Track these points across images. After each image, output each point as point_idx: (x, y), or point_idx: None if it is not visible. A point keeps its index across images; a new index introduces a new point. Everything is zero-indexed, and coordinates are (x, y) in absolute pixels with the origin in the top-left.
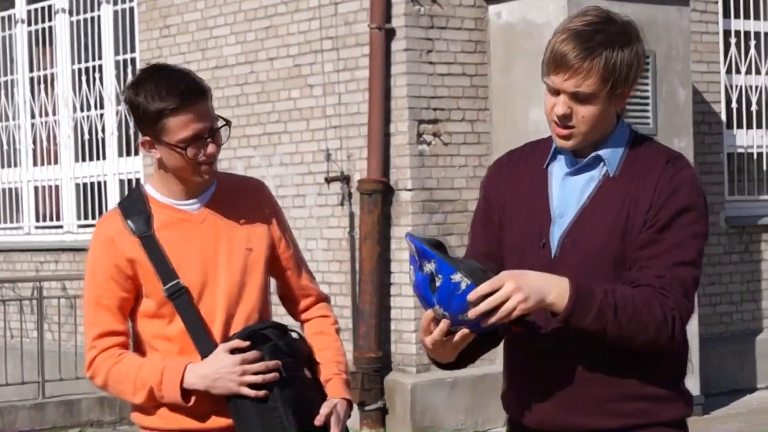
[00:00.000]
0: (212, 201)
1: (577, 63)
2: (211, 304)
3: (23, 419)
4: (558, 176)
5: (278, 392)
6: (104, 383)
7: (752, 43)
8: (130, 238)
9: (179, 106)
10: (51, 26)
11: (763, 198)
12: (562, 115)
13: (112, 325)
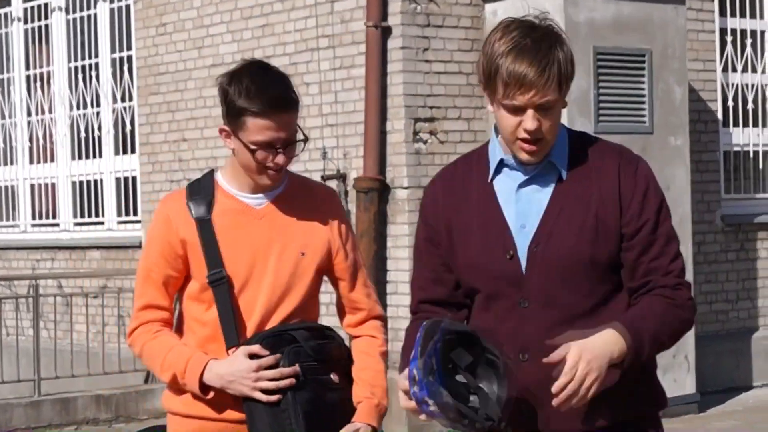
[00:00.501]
0: (277, 200)
1: (536, 77)
2: (252, 299)
3: (19, 417)
4: (509, 188)
5: (291, 395)
6: (139, 354)
7: (748, 42)
8: (187, 219)
9: (261, 111)
10: (47, 24)
11: (759, 196)
12: (534, 130)
13: (156, 300)
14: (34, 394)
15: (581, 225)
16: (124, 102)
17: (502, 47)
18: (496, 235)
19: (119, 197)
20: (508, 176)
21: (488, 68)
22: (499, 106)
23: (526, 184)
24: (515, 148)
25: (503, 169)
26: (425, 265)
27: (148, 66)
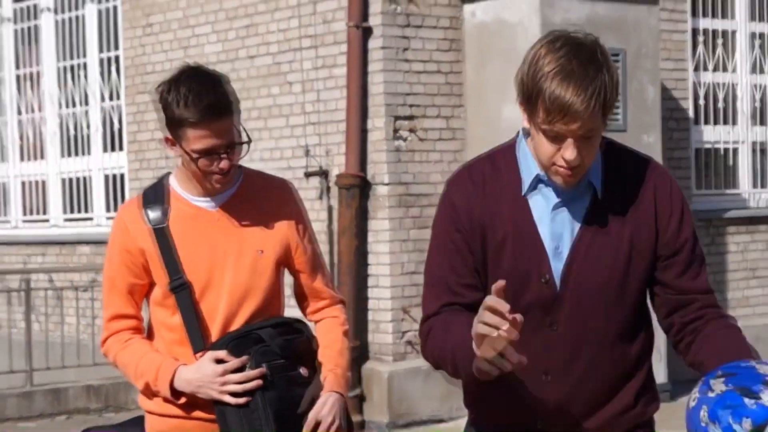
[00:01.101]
0: (231, 200)
1: (582, 108)
2: (214, 302)
3: (12, 407)
4: (544, 206)
5: (260, 395)
6: (113, 364)
7: (719, 42)
8: (143, 227)
9: (198, 121)
10: (36, 25)
11: (729, 192)
12: (572, 160)
13: (123, 309)
14: (27, 384)
15: (616, 249)
16: (112, 101)
17: (547, 68)
18: (531, 256)
19: (108, 193)
20: (543, 193)
21: (530, 88)
22: (538, 130)
23: (562, 204)
24: (551, 172)
25: (539, 185)
26: (459, 267)
27: (135, 66)
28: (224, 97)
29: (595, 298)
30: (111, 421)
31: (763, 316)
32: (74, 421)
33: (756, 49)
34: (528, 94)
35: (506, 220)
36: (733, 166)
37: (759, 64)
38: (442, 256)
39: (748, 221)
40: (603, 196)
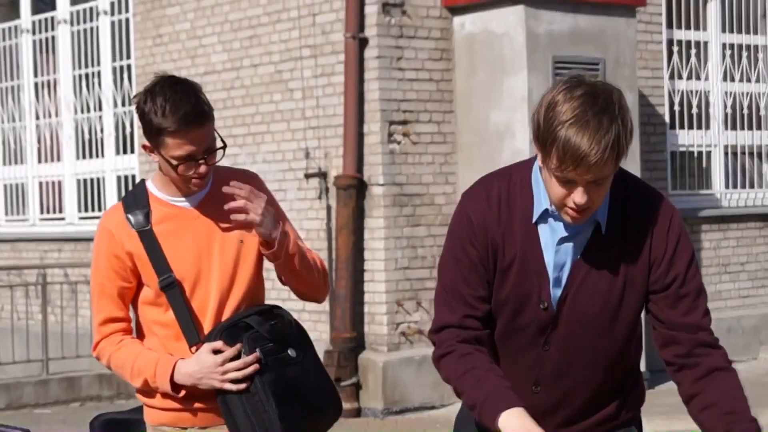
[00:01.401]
0: (207, 197)
1: (597, 159)
2: (204, 296)
3: (29, 394)
4: (549, 237)
5: (258, 379)
6: (107, 365)
7: (693, 51)
8: (129, 232)
9: (177, 129)
10: (53, 35)
11: (703, 192)
12: (582, 204)
13: (114, 312)
14: (43, 373)
15: (610, 282)
16: (124, 106)
17: (563, 116)
18: (533, 281)
19: (120, 193)
20: (551, 224)
21: (545, 133)
22: (551, 174)
23: (567, 239)
24: (561, 212)
25: (548, 218)
26: (473, 282)
27: (145, 74)
28: (200, 105)
29: (588, 324)
30: (122, 408)
31: (735, 309)
32: (87, 408)
33: (727, 58)
34: (543, 139)
35: (516, 243)
36: (706, 168)
37: (730, 72)
38: (456, 268)
39: (721, 220)
40: (605, 231)
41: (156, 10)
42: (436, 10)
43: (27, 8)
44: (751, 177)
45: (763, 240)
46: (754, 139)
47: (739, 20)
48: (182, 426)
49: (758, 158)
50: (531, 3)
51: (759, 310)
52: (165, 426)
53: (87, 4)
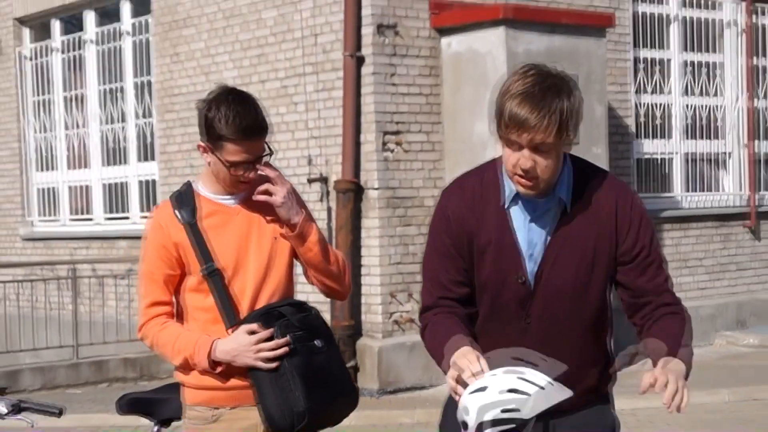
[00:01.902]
0: (247, 197)
1: (537, 122)
2: (242, 284)
3: (61, 376)
4: (521, 218)
5: (287, 361)
6: (151, 345)
7: (657, 69)
8: (177, 225)
9: (238, 138)
10: (81, 54)
11: (665, 195)
12: (528, 169)
13: (159, 296)
14: (74, 357)
15: (581, 256)
16: (145, 118)
17: (513, 91)
18: (509, 260)
19: (142, 196)
20: (521, 206)
21: (499, 106)
22: (503, 142)
23: (537, 218)
24: (513, 181)
25: (518, 200)
26: (450, 268)
27: (164, 89)
28: (261, 119)
29: (563, 296)
30: (145, 388)
31: (693, 300)
32: (114, 388)
33: (687, 74)
34: (498, 112)
35: (490, 228)
36: (668, 173)
37: (690, 87)
38: (435, 257)
39: (681, 220)
40: (571, 210)
41: (173, 31)
42: (425, 31)
43: (57, 29)
44: (708, 181)
45: (719, 238)
46: (711, 147)
47: (698, 40)
48: (215, 405)
49: (715, 165)
50: (511, 25)
51: (715, 300)
52: (199, 406)
53: (112, 26)
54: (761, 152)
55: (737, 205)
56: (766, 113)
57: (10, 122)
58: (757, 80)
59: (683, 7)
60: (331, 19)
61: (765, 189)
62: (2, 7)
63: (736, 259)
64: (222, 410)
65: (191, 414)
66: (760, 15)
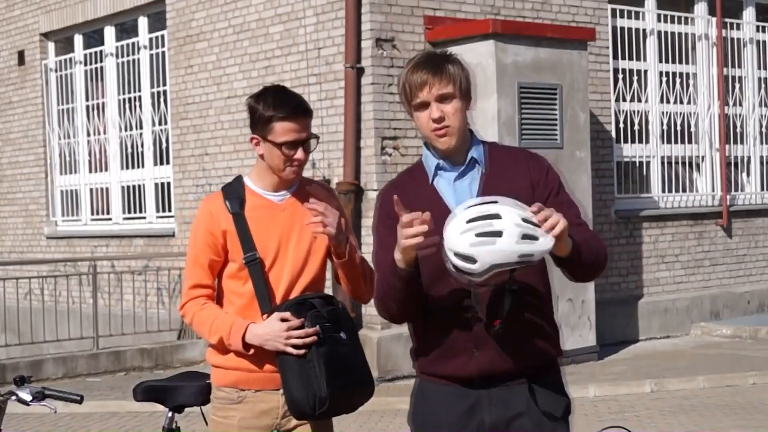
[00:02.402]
0: (293, 196)
1: (433, 76)
2: (278, 274)
3: (82, 365)
4: (447, 184)
5: (315, 349)
6: (190, 323)
7: (635, 78)
8: (226, 214)
9: (287, 115)
10: (102, 66)
11: (644, 195)
12: (438, 117)
13: (202, 279)
14: (94, 348)
15: None
16: (161, 125)
17: (405, 70)
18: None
19: (157, 198)
20: (444, 177)
21: (403, 88)
22: (414, 110)
23: (459, 179)
24: (433, 139)
25: (439, 172)
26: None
27: (179, 98)
28: (304, 101)
29: None
30: (160, 377)
31: (670, 293)
32: (131, 377)
33: (663, 84)
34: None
35: (422, 202)
36: (646, 175)
37: (666, 95)
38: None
39: (659, 218)
40: (489, 171)
41: (187, 45)
42: (420, 44)
43: (80, 43)
44: (683, 182)
45: (694, 235)
46: (686, 151)
47: (673, 52)
48: (240, 387)
49: (689, 167)
50: (500, 38)
51: (690, 294)
52: (226, 387)
53: (130, 40)
54: (732, 155)
55: (711, 205)
56: (736, 119)
57: (35, 129)
58: (728, 89)
59: (659, 21)
60: (333, 33)
61: (736, 190)
62: (29, 23)
63: (710, 255)
64: (247, 392)
65: (219, 395)
66: (730, 29)
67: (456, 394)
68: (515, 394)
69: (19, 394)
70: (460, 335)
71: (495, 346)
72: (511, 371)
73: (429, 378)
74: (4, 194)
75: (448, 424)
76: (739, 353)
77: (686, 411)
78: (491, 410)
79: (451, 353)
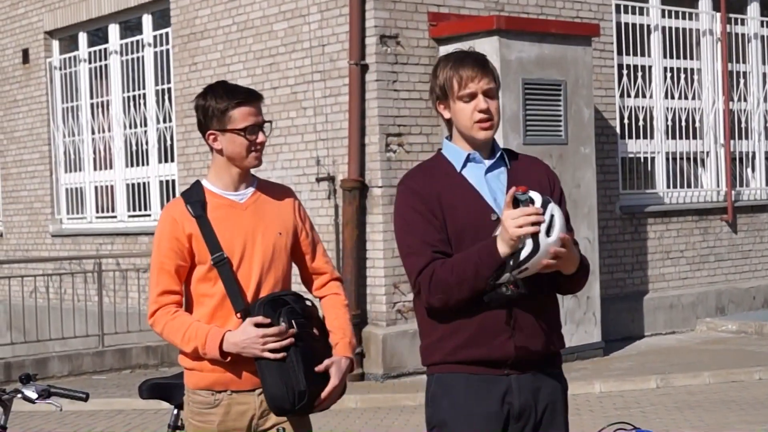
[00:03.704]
0: (253, 195)
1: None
2: (247, 272)
3: (87, 363)
4: (477, 175)
5: (293, 350)
6: (161, 332)
7: (639, 74)
8: (189, 218)
9: (243, 101)
10: (106, 64)
11: (648, 191)
12: (486, 109)
13: (170, 286)
14: (99, 345)
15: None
16: (166, 123)
17: (447, 64)
18: (478, 205)
19: (162, 196)
20: (473, 168)
21: (443, 81)
22: (457, 101)
23: (489, 172)
24: (474, 130)
25: (468, 163)
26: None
27: (183, 95)
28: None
29: None
30: (165, 374)
31: (675, 289)
32: (136, 374)
33: (668, 79)
34: (443, 87)
35: (453, 190)
36: (651, 171)
37: (670, 91)
38: (413, 228)
39: (664, 214)
40: (512, 167)
41: (191, 43)
42: (425, 41)
43: (84, 41)
44: (688, 178)
45: (699, 231)
46: (691, 146)
47: (677, 48)
48: (216, 389)
49: (694, 163)
50: (504, 34)
51: (695, 289)
52: (202, 390)
53: (134, 38)
54: (737, 151)
55: (715, 201)
56: (741, 115)
57: (40, 127)
58: (733, 84)
59: (663, 17)
60: (338, 30)
61: (741, 185)
62: (33, 21)
63: (715, 250)
64: (223, 395)
65: (195, 398)
66: (735, 24)
67: (485, 381)
68: (541, 379)
69: (24, 392)
70: (498, 315)
71: (530, 327)
72: (541, 353)
73: (454, 368)
74: (9, 192)
75: (480, 413)
76: (745, 349)
77: (692, 407)
78: (520, 395)
79: (487, 335)
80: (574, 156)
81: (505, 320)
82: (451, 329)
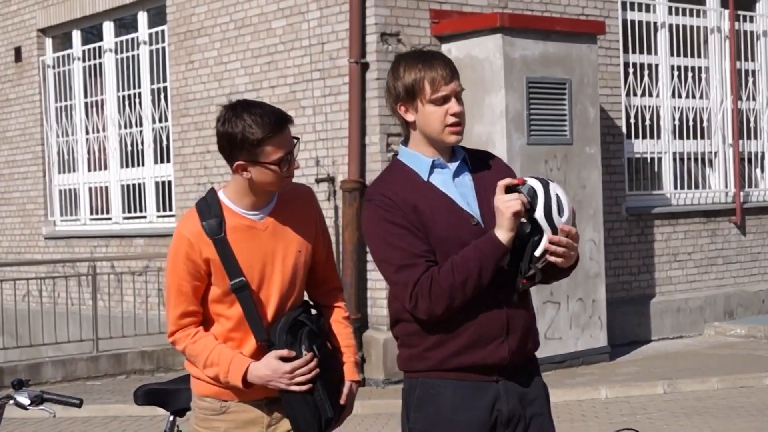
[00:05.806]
0: (273, 213)
1: (453, 72)
2: (266, 296)
3: (81, 368)
4: (445, 181)
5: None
6: (182, 352)
7: (646, 73)
8: (205, 240)
9: (275, 134)
10: (101, 62)
11: (655, 193)
12: (458, 112)
13: (189, 307)
14: (93, 350)
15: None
16: (161, 123)
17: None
18: (454, 213)
19: (158, 197)
20: (440, 174)
21: (411, 82)
22: (426, 104)
23: (456, 176)
24: (445, 134)
25: (434, 169)
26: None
27: (179, 95)
28: (282, 112)
29: None
30: (161, 380)
31: (683, 292)
32: (131, 380)
33: (675, 78)
34: (408, 89)
35: (426, 200)
36: (658, 171)
37: (677, 90)
38: (396, 242)
39: (671, 216)
40: (473, 169)
41: (188, 40)
42: (426, 38)
43: (78, 39)
44: (696, 179)
45: (707, 233)
46: (698, 147)
47: (684, 46)
48: (223, 398)
49: (702, 163)
50: (507, 32)
51: (703, 293)
52: (208, 397)
53: (129, 36)
54: (746, 151)
55: (724, 202)
56: (750, 114)
57: (33, 127)
58: (741, 83)
59: (670, 14)
60: (337, 28)
61: (750, 186)
62: (26, 18)
63: (723, 253)
64: (230, 402)
65: (201, 405)
66: (743, 21)
67: (474, 388)
68: (527, 382)
69: (17, 398)
70: (495, 319)
71: (520, 330)
72: (527, 356)
73: (443, 374)
74: (1, 194)
75: (467, 421)
76: (754, 353)
77: (699, 413)
78: (509, 401)
79: (482, 340)
80: (579, 156)
81: (503, 324)
82: (443, 338)
